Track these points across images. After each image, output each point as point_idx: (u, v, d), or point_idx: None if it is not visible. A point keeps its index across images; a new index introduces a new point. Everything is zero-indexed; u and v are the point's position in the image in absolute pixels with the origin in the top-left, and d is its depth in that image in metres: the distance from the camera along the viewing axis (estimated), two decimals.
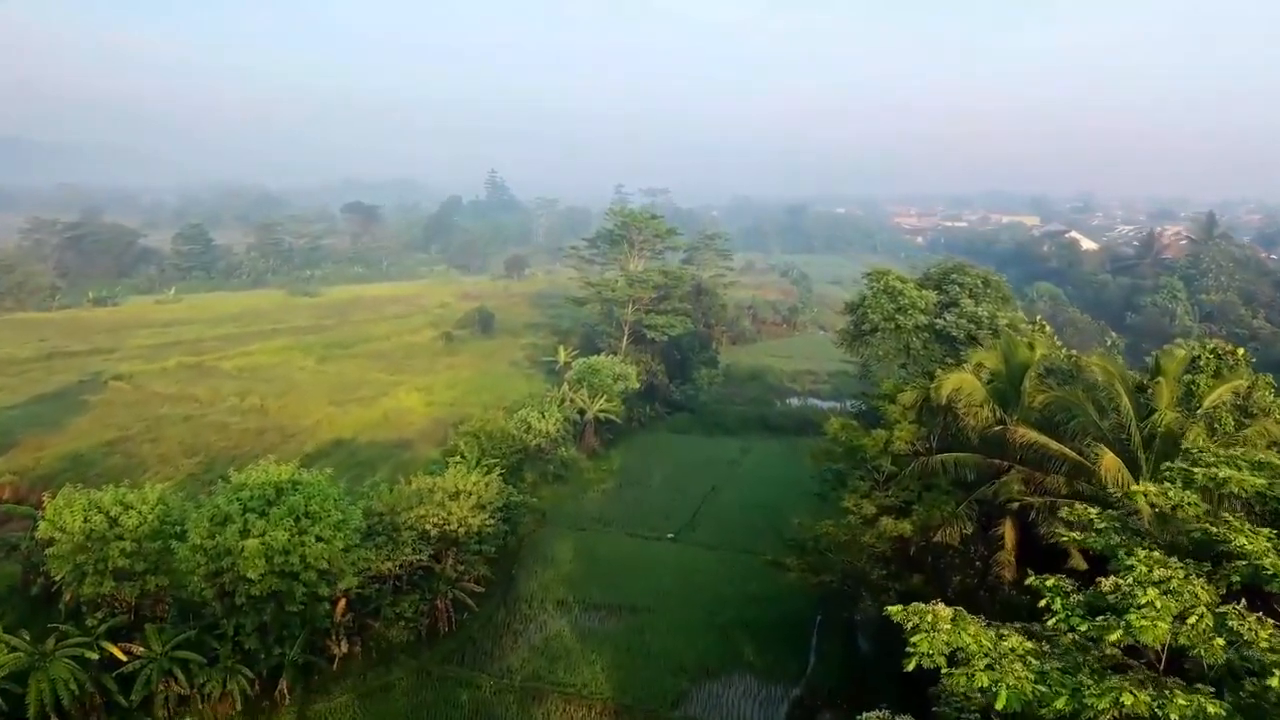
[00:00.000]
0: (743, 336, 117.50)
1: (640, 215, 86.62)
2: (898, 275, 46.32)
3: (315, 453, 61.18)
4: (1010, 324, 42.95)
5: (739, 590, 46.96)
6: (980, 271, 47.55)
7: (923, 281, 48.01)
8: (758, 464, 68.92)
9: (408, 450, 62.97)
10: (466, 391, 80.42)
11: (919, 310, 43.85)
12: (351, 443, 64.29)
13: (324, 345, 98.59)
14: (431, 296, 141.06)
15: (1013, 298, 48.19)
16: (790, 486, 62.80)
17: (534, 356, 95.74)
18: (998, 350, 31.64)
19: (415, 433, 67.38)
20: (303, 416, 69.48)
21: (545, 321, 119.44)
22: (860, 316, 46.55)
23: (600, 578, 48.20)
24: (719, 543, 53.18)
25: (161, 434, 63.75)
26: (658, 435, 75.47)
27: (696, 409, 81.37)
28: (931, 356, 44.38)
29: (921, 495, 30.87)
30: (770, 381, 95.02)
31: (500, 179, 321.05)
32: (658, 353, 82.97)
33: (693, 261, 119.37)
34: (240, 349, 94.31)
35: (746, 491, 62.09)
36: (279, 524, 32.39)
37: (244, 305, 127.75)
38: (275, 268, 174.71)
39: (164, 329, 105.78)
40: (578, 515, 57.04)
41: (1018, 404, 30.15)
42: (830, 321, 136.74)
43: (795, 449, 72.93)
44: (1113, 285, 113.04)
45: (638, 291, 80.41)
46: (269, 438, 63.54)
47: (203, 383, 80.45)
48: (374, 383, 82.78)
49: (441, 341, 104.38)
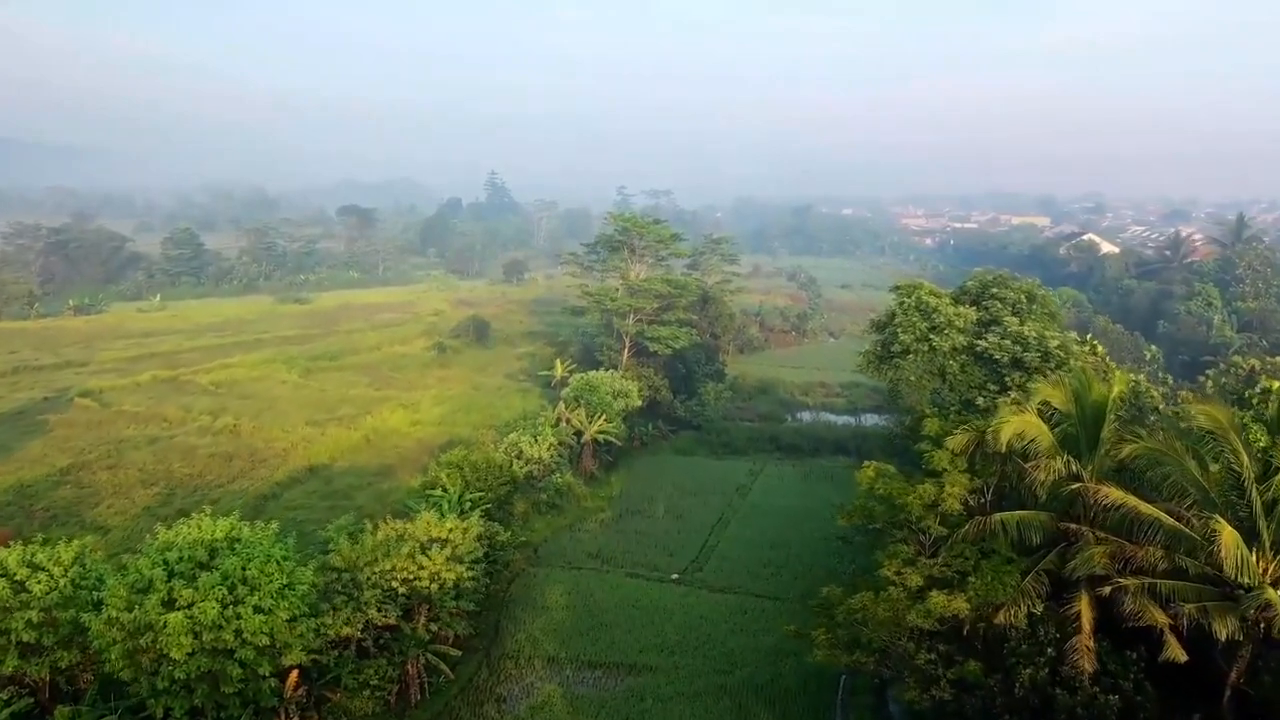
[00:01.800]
0: (750, 345, 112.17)
1: (641, 220, 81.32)
2: (931, 289, 41.03)
3: (287, 481, 56.16)
4: (1061, 345, 37.67)
5: (752, 643, 41.75)
6: (1024, 284, 42.22)
7: (958, 296, 42.70)
8: (769, 489, 63.63)
9: (388, 478, 57.83)
10: (456, 409, 75.23)
11: (957, 330, 38.59)
12: (328, 469, 59.16)
13: (309, 357, 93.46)
14: (425, 303, 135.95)
15: (1060, 313, 42.84)
16: (805, 517, 57.67)
17: (530, 368, 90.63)
18: (1066, 386, 26.46)
19: (398, 457, 62.22)
20: (278, 438, 64.34)
21: (543, 330, 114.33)
22: (889, 336, 41.24)
23: (596, 629, 43.01)
24: (728, 584, 47.93)
25: (121, 459, 58.67)
26: (661, 457, 70.21)
27: (703, 425, 76.13)
28: (970, 381, 39.10)
29: (978, 564, 25.65)
30: (780, 394, 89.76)
31: (500, 181, 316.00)
32: (661, 366, 77.72)
33: (697, 266, 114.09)
34: (220, 361, 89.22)
35: (757, 523, 56.79)
36: (210, 593, 27.23)
37: (229, 313, 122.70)
38: (268, 272, 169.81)
39: (142, 339, 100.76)
40: (573, 551, 51.84)
41: (1094, 453, 24.88)
42: (841, 327, 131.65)
43: (809, 471, 67.97)
44: (1139, 291, 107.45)
45: (639, 302, 75.15)
46: (238, 464, 58.47)
47: (176, 399, 75.40)
48: (358, 399, 77.65)
49: (433, 352, 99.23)
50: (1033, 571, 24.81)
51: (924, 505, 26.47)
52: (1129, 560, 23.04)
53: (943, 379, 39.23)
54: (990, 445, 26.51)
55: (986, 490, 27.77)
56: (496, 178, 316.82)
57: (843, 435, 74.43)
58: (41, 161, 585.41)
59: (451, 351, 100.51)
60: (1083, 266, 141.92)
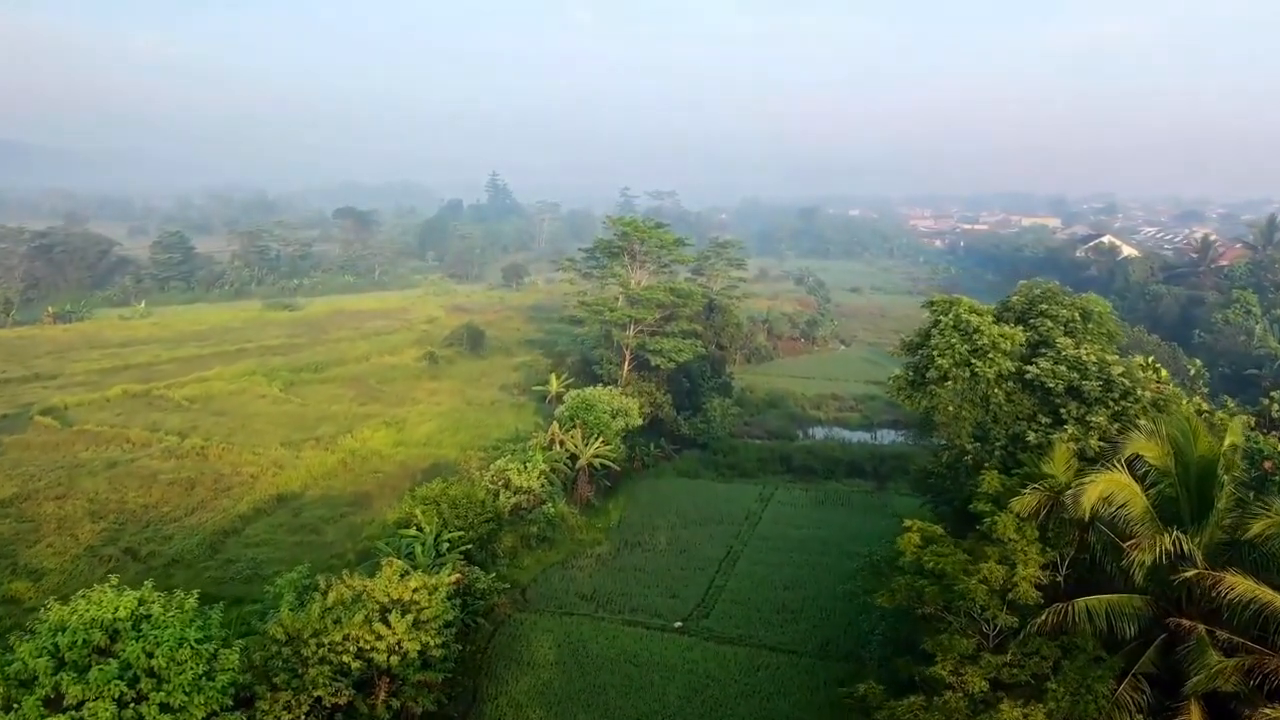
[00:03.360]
0: (757, 354, 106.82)
1: (643, 225, 76.03)
2: (971, 306, 35.72)
3: (251, 513, 51.05)
4: (1125, 372, 32.38)
5: (765, 710, 36.55)
6: (1076, 299, 36.95)
7: (1001, 313, 37.45)
8: (780, 517, 58.29)
9: (364, 508, 52.73)
10: (444, 427, 70.16)
11: (1003, 354, 33.37)
12: (298, 498, 54.06)
13: (292, 368, 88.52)
14: (420, 309, 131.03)
15: (1119, 332, 37.52)
16: (821, 550, 52.46)
17: (526, 380, 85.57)
18: (1162, 436, 21.36)
19: (376, 483, 57.13)
20: (247, 462, 59.30)
21: (541, 338, 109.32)
22: (924, 359, 35.97)
23: (589, 692, 37.79)
24: (738, 634, 42.65)
25: (73, 488, 53.64)
26: (663, 479, 64.90)
27: (708, 444, 70.87)
28: (1018, 412, 33.83)
29: (1059, 665, 20.51)
30: (790, 408, 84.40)
31: (502, 182, 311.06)
32: (663, 380, 72.52)
33: (702, 272, 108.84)
34: (197, 374, 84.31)
35: (769, 558, 51.47)
36: (105, 690, 22.15)
37: (215, 320, 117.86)
38: (260, 277, 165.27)
39: (119, 350, 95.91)
40: (565, 592, 46.59)
41: (1204, 524, 19.66)
42: (851, 334, 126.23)
43: (823, 496, 62.61)
44: (1168, 297, 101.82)
45: (640, 313, 69.92)
46: (199, 493, 53.41)
47: (144, 416, 70.50)
48: (339, 416, 72.62)
49: (424, 363, 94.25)
50: (1129, 675, 19.67)
51: (991, 589, 21.29)
52: (1262, 672, 17.88)
53: (985, 409, 34.01)
54: (1068, 509, 21.41)
55: (1061, 564, 22.63)
56: (498, 179, 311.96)
57: (858, 455, 69.08)
58: (45, 164, 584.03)
59: (444, 362, 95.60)
60: (1103, 270, 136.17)
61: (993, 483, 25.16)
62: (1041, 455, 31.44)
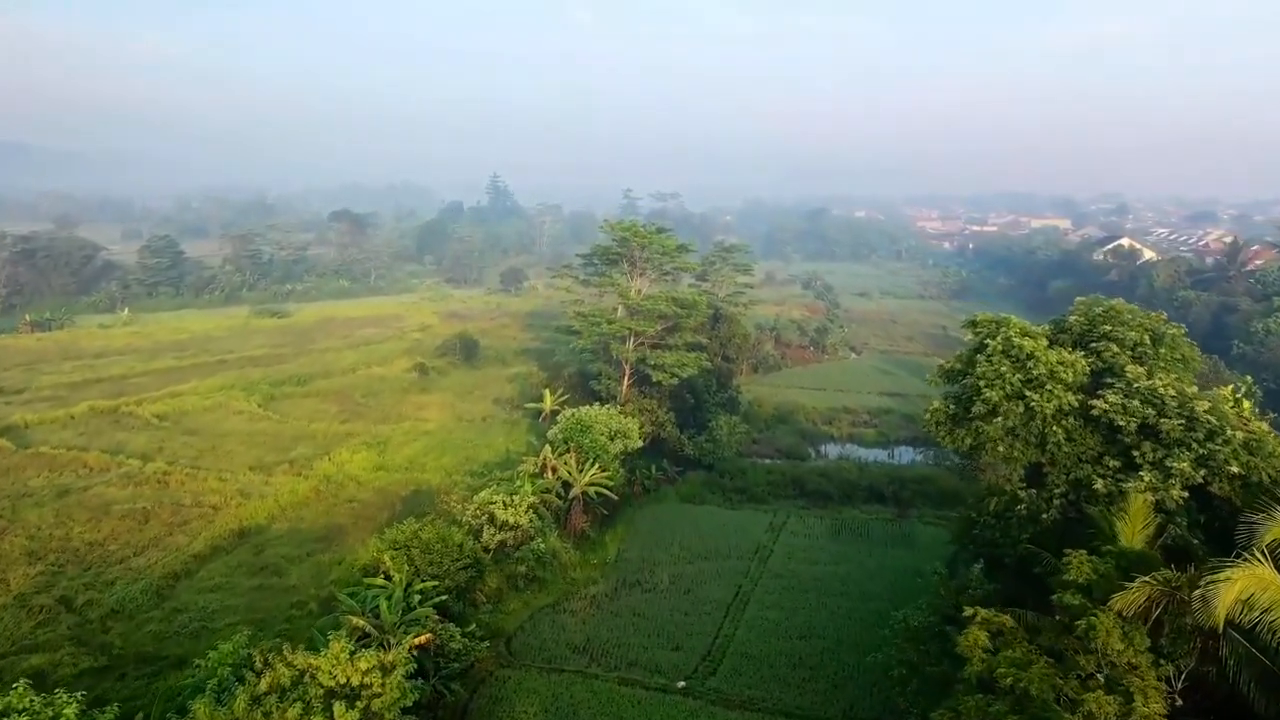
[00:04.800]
0: (765, 363, 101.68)
1: (643, 230, 70.86)
2: (1022, 327, 30.51)
3: (208, 551, 46.12)
4: (1212, 409, 27.26)
5: None
6: (1145, 319, 31.80)
7: (1056, 334, 32.30)
8: (794, 550, 53.18)
9: (334, 544, 47.77)
10: (429, 447, 65.22)
11: (1063, 385, 28.24)
12: (262, 533, 49.09)
13: (273, 381, 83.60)
14: (413, 316, 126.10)
15: (1196, 358, 32.33)
16: (840, 590, 47.33)
17: (521, 394, 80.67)
18: None
19: (350, 514, 52.17)
20: (212, 490, 54.39)
21: (538, 347, 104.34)
22: (968, 390, 30.73)
23: None
24: (750, 695, 37.60)
25: (16, 520, 48.81)
26: (665, 506, 59.80)
27: (714, 465, 65.81)
28: (1081, 454, 28.70)
29: None
30: (801, 424, 79.26)
31: (503, 184, 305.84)
32: (666, 396, 67.47)
33: (707, 277, 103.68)
34: (171, 388, 79.46)
35: (782, 600, 46.36)
36: None
37: (198, 329, 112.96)
38: (252, 282, 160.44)
39: (92, 361, 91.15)
40: (554, 643, 41.55)
41: None
42: (863, 341, 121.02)
43: (839, 525, 57.39)
44: (1198, 304, 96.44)
45: (640, 325, 64.87)
46: (154, 527, 48.47)
47: (109, 436, 65.72)
48: (318, 435, 67.72)
49: (414, 374, 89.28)
50: None
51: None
52: None
53: (1041, 449, 28.95)
54: (1194, 613, 16.45)
55: (1177, 678, 17.64)
56: (499, 180, 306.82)
57: (876, 477, 63.90)
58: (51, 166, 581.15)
59: (435, 373, 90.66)
60: (1124, 275, 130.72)
61: (1082, 568, 20.07)
62: (1112, 507, 26.43)
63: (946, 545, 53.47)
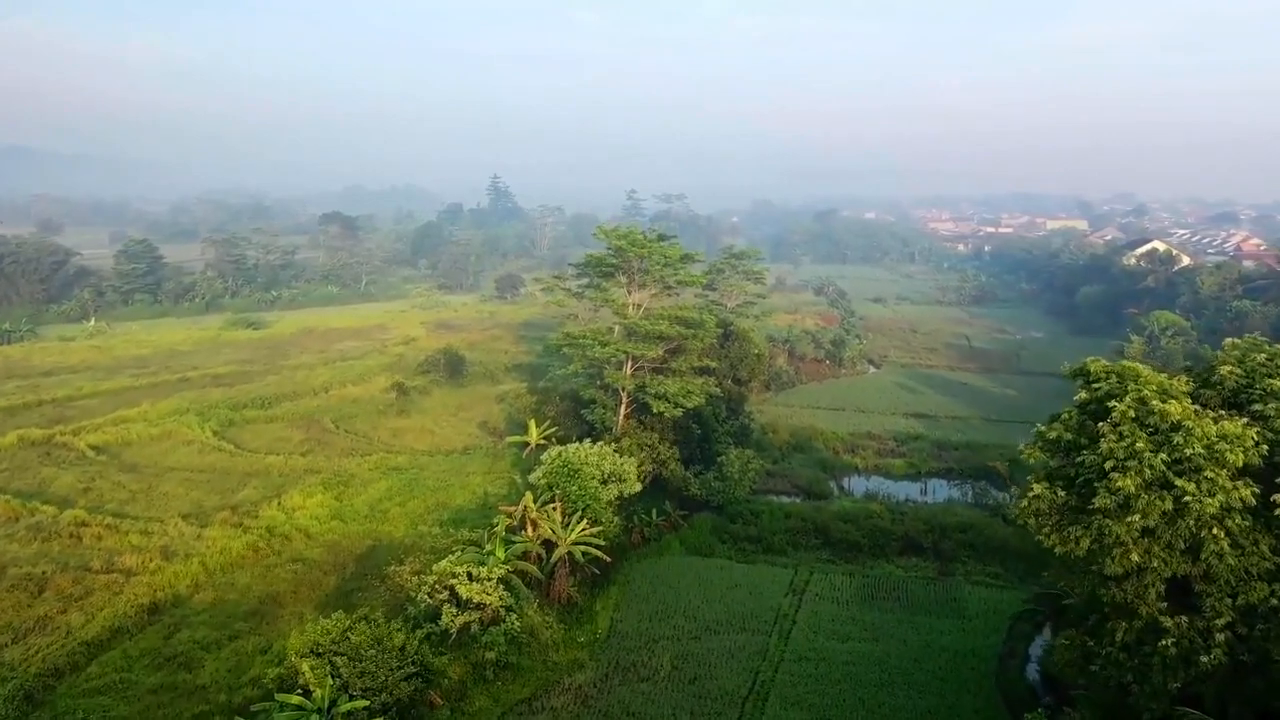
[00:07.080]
0: (778, 379, 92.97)
1: (641, 238, 62.18)
2: (1160, 383, 21.78)
3: (104, 636, 37.62)
4: None
5: None
6: None
7: (1198, 390, 23.48)
8: (820, 621, 44.42)
9: (265, 623, 39.32)
10: (396, 488, 56.82)
11: (1224, 474, 19.50)
12: (180, 607, 40.61)
13: (233, 405, 75.29)
14: (399, 327, 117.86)
15: None
16: (878, 683, 38.47)
17: (507, 419, 72.42)
18: None
19: (292, 579, 43.72)
20: (132, 546, 46.03)
21: (531, 362, 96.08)
22: (1085, 471, 21.83)
23: None
24: None
25: None
26: (668, 560, 51.06)
27: (724, 506, 57.31)
28: (1256, 569, 20.16)
29: None
30: (821, 453, 70.60)
31: (503, 185, 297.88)
32: (668, 428, 58.93)
33: (715, 286, 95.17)
34: (120, 412, 71.24)
35: (809, 695, 37.67)
36: None
37: (164, 342, 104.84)
38: (234, 289, 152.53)
39: (40, 380, 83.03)
40: None
41: None
42: (882, 353, 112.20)
43: (873, 586, 48.44)
44: (1256, 315, 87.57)
45: (639, 348, 56.31)
46: (46, 601, 40.08)
47: (33, 473, 57.71)
48: (273, 471, 59.46)
49: (392, 394, 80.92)
50: None
51: None
52: None
53: (1193, 560, 20.44)
54: None
55: None
56: (499, 181, 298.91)
57: (912, 524, 55.10)
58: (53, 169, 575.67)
59: (416, 393, 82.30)
60: (1160, 281, 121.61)
61: None
62: None
63: (1005, 617, 44.95)
